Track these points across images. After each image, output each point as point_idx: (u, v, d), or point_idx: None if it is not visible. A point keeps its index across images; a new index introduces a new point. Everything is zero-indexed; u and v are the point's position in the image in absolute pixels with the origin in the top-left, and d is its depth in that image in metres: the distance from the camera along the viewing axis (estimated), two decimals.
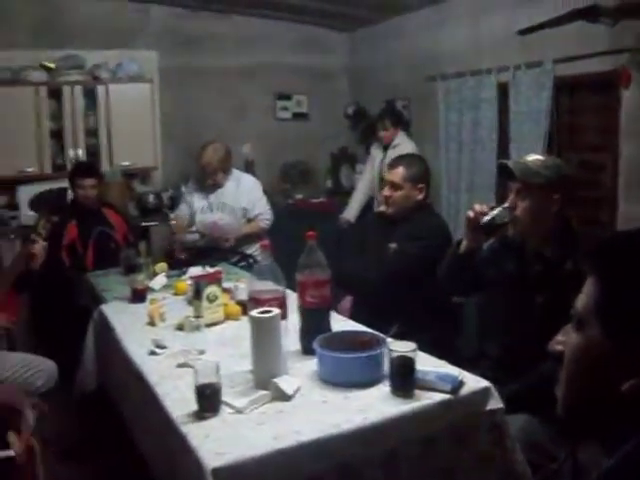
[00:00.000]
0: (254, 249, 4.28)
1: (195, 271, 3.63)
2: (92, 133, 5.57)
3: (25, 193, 5.30)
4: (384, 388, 1.95)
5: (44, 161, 5.40)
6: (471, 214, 2.41)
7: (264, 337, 1.99)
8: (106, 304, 3.30)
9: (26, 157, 5.32)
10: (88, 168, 4.55)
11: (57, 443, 3.47)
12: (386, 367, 1.98)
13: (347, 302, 3.24)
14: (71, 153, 5.47)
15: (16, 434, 2.31)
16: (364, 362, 1.99)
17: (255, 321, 2.00)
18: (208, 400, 1.86)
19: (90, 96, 5.52)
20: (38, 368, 3.31)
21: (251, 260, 4.20)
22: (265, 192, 4.69)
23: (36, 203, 5.16)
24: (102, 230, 4.46)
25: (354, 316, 2.85)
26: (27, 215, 5.10)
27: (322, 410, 1.85)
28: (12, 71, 5.35)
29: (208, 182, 4.26)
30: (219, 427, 1.78)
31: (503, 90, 4.81)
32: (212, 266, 3.76)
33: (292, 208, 6.14)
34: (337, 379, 1.99)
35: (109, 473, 3.17)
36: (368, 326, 2.46)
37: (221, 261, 3.98)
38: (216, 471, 1.58)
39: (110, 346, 2.91)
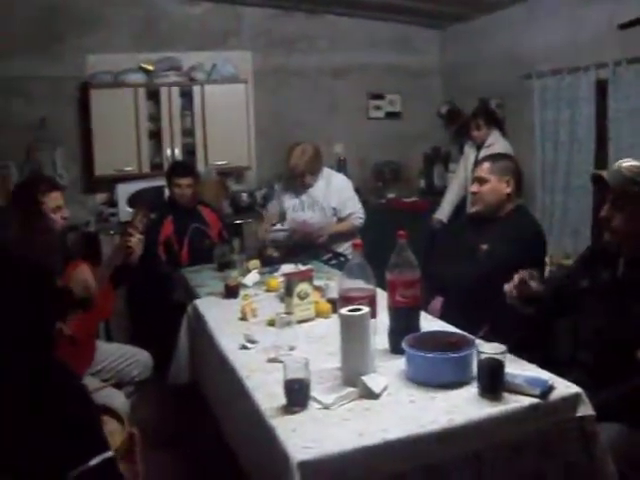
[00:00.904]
0: (345, 247, 4.29)
1: (287, 268, 3.68)
2: (188, 133, 5.73)
3: (124, 191, 5.51)
4: (472, 390, 1.93)
5: (142, 160, 5.59)
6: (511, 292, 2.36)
7: (353, 335, 2.00)
8: (200, 299, 3.38)
9: (125, 156, 5.53)
10: (185, 167, 4.68)
11: (149, 432, 3.59)
12: (475, 369, 1.96)
13: (437, 302, 3.21)
14: (168, 152, 5.65)
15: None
16: (453, 363, 1.97)
17: (345, 319, 2.02)
18: (296, 395, 1.88)
19: (186, 97, 5.69)
20: (134, 358, 3.43)
21: (342, 258, 4.22)
22: (357, 191, 4.70)
23: (134, 200, 5.36)
24: (197, 227, 4.58)
25: (444, 316, 2.82)
26: (126, 212, 5.31)
27: (409, 409, 1.85)
28: (113, 74, 5.58)
29: (297, 183, 4.31)
30: (306, 422, 1.81)
31: (602, 88, 4.64)
32: (304, 264, 3.80)
33: (384, 207, 6.11)
34: (425, 379, 1.98)
35: (199, 463, 3.27)
36: (458, 327, 2.44)
37: (313, 259, 4.02)
38: (302, 464, 1.60)
39: (203, 340, 3.00)
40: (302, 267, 3.75)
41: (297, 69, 6.20)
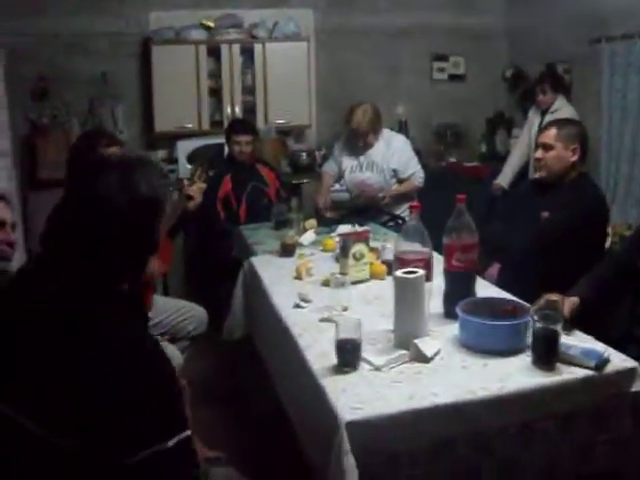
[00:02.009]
0: (403, 209, 4.26)
1: (344, 229, 3.67)
2: (249, 91, 5.70)
3: (184, 148, 5.55)
4: (525, 359, 1.91)
5: (202, 117, 5.60)
6: None
7: (407, 297, 1.99)
8: (256, 257, 3.42)
9: (186, 113, 5.53)
10: (244, 125, 4.68)
11: (202, 387, 3.67)
12: (529, 337, 1.93)
13: (494, 269, 3.16)
14: (228, 110, 5.63)
15: None
16: (507, 330, 1.95)
17: (399, 281, 2.01)
18: (348, 355, 1.89)
19: (247, 55, 5.65)
20: (190, 313, 3.48)
21: (400, 221, 4.19)
22: (417, 153, 4.64)
23: (194, 157, 5.40)
24: (255, 185, 4.60)
25: (500, 283, 2.78)
26: (185, 168, 5.33)
27: (460, 375, 1.84)
28: (174, 30, 5.58)
29: (359, 144, 4.27)
30: (356, 383, 1.81)
31: None
32: (361, 225, 3.80)
33: (444, 171, 6.02)
34: (478, 345, 1.96)
35: (250, 418, 3.32)
36: (514, 294, 2.40)
37: (370, 220, 4.00)
38: (350, 425, 1.61)
39: (258, 297, 3.03)
40: (359, 228, 3.76)
41: (359, 28, 6.07)
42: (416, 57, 6.31)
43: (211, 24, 5.65)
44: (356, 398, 1.72)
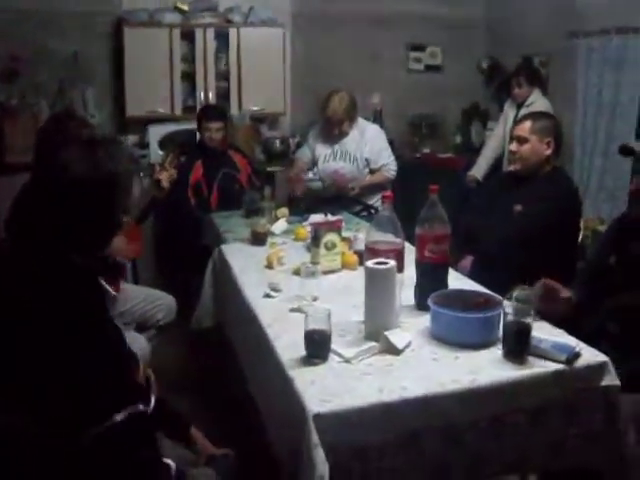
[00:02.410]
0: (376, 200, 4.24)
1: (316, 218, 3.63)
2: (223, 76, 5.63)
3: (155, 133, 5.46)
4: (496, 351, 1.88)
5: (175, 102, 5.51)
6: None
7: (378, 288, 1.96)
8: (226, 244, 3.37)
9: (158, 98, 5.44)
10: (215, 111, 4.62)
11: (171, 375, 3.61)
12: (501, 330, 1.90)
13: (467, 261, 3.15)
14: (201, 95, 5.56)
15: None
16: (479, 323, 1.92)
17: (370, 271, 1.97)
18: (317, 346, 1.85)
19: (222, 39, 5.56)
20: (158, 302, 3.42)
21: (373, 211, 4.16)
22: (391, 143, 4.61)
23: (165, 143, 5.32)
24: (227, 172, 4.55)
25: (473, 276, 2.76)
26: (157, 154, 5.27)
27: (431, 368, 1.81)
28: (148, 12, 5.48)
29: (334, 132, 4.23)
30: (325, 374, 1.78)
31: None
32: (333, 214, 3.76)
33: (418, 162, 6.01)
34: (449, 338, 1.93)
35: (218, 407, 3.27)
36: (487, 287, 2.38)
37: (343, 210, 3.97)
38: (318, 417, 1.58)
39: (227, 285, 2.98)
40: (331, 217, 3.72)
41: (336, 16, 6.00)
42: (393, 46, 6.27)
43: (185, 7, 5.55)
44: (325, 390, 1.68)
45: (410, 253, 2.29)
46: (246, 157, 4.79)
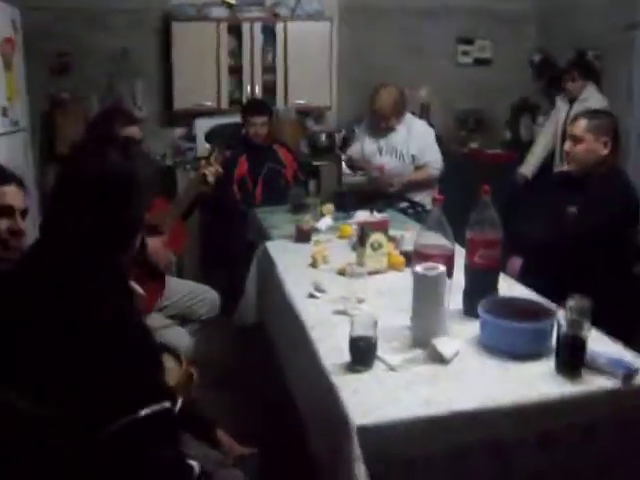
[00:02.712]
0: (422, 197, 4.15)
1: (362, 215, 3.57)
2: (269, 70, 5.61)
3: (202, 126, 5.50)
4: (549, 364, 1.79)
5: (222, 96, 5.52)
6: None
7: (426, 295, 1.90)
8: (271, 241, 3.34)
9: (205, 91, 5.47)
10: (260, 105, 4.60)
11: (211, 370, 3.61)
12: (554, 342, 1.82)
13: (516, 263, 3.04)
14: (248, 89, 5.56)
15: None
16: (531, 333, 1.84)
17: (419, 278, 1.91)
18: (362, 353, 1.80)
19: (269, 33, 5.56)
20: (202, 296, 3.42)
21: (419, 208, 4.09)
22: (439, 139, 4.52)
23: (211, 136, 5.32)
24: (272, 167, 4.53)
25: (523, 279, 2.67)
26: (203, 147, 5.30)
27: (479, 379, 1.74)
28: (196, 7, 5.51)
29: (381, 126, 4.16)
30: (369, 383, 1.73)
31: None
32: (379, 211, 3.70)
33: (465, 157, 5.91)
34: (499, 348, 1.86)
35: (258, 405, 3.25)
36: (537, 292, 2.30)
37: (389, 207, 3.90)
38: (362, 429, 1.53)
39: (271, 283, 2.95)
40: (377, 214, 3.66)
41: (383, 8, 5.93)
42: (441, 40, 6.16)
43: (233, 1, 5.56)
44: (368, 400, 1.63)
45: (459, 255, 2.20)
46: (292, 152, 4.76)
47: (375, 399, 1.64)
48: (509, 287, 2.38)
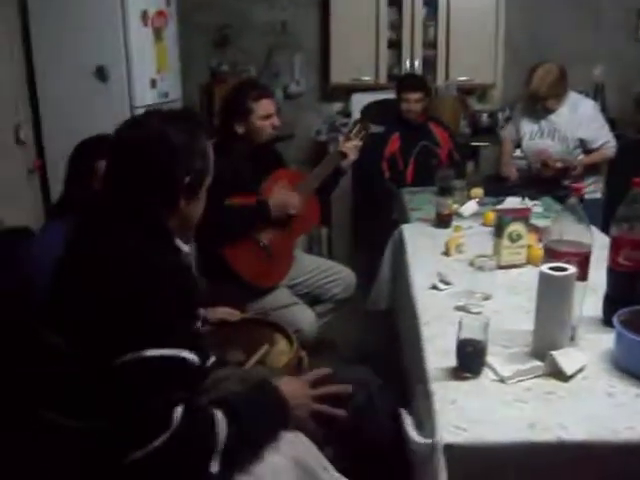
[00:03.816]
0: (588, 183, 3.78)
1: (512, 202, 3.33)
2: (430, 45, 5.34)
3: (359, 101, 5.37)
4: None
5: (380, 70, 5.34)
6: None
7: (551, 298, 1.64)
8: (407, 224, 3.19)
9: (363, 65, 5.31)
10: (414, 81, 4.39)
11: (341, 351, 3.52)
12: None
13: None
14: (407, 64, 5.34)
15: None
16: None
17: (543, 277, 1.66)
18: (468, 359, 1.60)
19: (431, 6, 5.28)
20: (337, 275, 3.35)
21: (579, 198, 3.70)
22: (612, 122, 4.08)
23: (367, 112, 5.18)
24: (425, 145, 4.33)
25: None
26: None
27: (604, 405, 1.47)
28: None
29: (538, 107, 3.81)
30: (472, 393, 1.53)
31: None
32: (532, 199, 3.41)
33: None
34: (633, 368, 1.58)
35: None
36: None
37: (545, 194, 3.58)
38: (450, 448, 1.34)
39: (401, 269, 2.79)
40: (529, 202, 3.38)
41: None
42: (620, 12, 5.51)
43: None
44: (465, 414, 1.43)
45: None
46: (447, 130, 4.52)
47: (472, 413, 1.44)
48: None
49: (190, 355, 1.43)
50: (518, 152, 4.18)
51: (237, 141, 3.01)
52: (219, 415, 1.43)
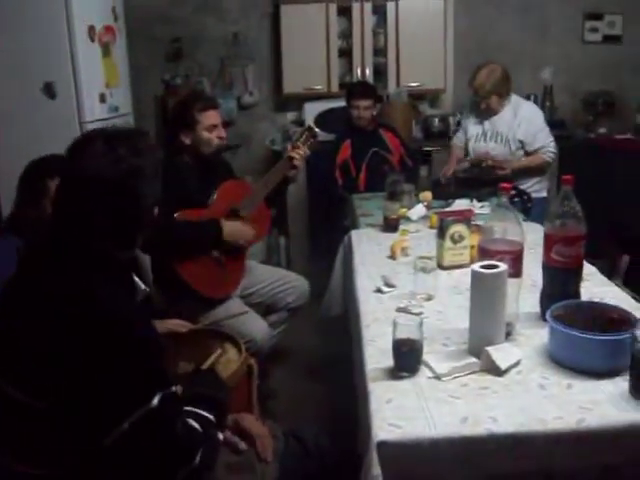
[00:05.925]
0: (529, 185, 3.85)
1: (460, 204, 3.38)
2: (381, 52, 5.41)
3: (312, 110, 5.40)
4: (621, 384, 1.51)
5: (332, 79, 5.39)
6: None
7: (484, 296, 1.67)
8: (356, 230, 3.22)
9: (315, 75, 5.35)
10: (363, 88, 4.43)
11: (293, 359, 3.52)
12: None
13: (623, 261, 2.74)
14: (358, 72, 5.39)
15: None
16: (601, 346, 1.55)
17: (475, 276, 1.68)
18: (404, 358, 1.62)
19: (380, 14, 5.35)
20: (290, 284, 3.36)
21: (526, 197, 3.78)
22: (562, 123, 4.16)
23: (320, 120, 5.20)
24: (376, 151, 4.36)
25: (629, 279, 2.38)
26: None
27: (534, 397, 1.50)
28: None
29: (481, 106, 3.87)
30: (408, 392, 1.54)
31: None
32: (480, 200, 3.46)
33: (592, 143, 5.44)
34: (565, 361, 1.61)
35: (341, 394, 3.13)
36: None
37: (492, 196, 3.63)
38: (382, 445, 1.35)
39: (349, 274, 2.81)
40: (477, 204, 3.43)
41: None
42: (566, 15, 5.68)
43: None
44: (400, 412, 1.44)
45: None
46: (398, 136, 4.56)
47: (407, 411, 1.45)
48: (601, 290, 2.12)
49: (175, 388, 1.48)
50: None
51: (184, 152, 3.01)
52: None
